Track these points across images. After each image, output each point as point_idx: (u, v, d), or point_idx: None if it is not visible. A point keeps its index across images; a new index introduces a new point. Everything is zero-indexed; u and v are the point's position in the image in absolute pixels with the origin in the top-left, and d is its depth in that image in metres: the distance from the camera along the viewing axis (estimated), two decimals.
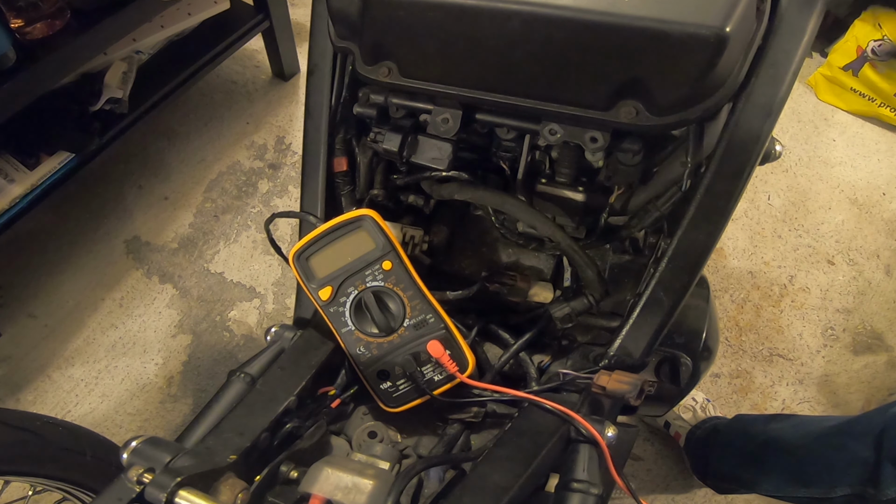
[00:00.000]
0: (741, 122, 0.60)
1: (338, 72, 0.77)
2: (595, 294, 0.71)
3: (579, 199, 0.73)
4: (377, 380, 0.67)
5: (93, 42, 1.26)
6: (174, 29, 1.53)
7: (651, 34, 0.52)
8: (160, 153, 1.74)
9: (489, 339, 0.76)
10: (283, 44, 1.79)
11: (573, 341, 0.76)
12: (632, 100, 0.58)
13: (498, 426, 0.69)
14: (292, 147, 1.80)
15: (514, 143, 0.70)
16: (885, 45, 1.81)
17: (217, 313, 1.51)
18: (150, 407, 1.39)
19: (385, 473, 0.56)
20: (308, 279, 0.68)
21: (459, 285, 0.76)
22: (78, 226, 1.60)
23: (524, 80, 0.60)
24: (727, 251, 1.68)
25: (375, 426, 0.68)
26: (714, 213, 0.62)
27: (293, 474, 0.56)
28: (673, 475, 1.34)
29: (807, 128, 1.97)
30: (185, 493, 0.46)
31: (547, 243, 0.79)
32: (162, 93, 1.51)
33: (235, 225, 1.65)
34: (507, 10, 0.55)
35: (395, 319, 0.66)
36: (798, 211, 1.78)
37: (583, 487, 0.54)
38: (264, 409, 0.59)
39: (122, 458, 0.50)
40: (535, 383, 0.70)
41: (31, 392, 1.38)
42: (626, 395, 0.61)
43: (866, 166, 1.89)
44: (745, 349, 1.54)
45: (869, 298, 1.64)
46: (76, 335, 1.46)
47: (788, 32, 0.59)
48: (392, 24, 0.62)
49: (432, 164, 0.69)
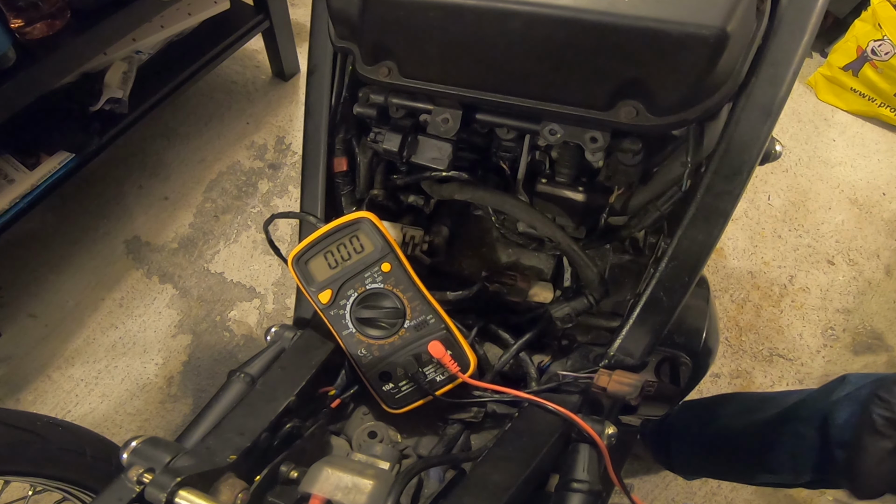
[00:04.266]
0: (741, 122, 0.60)
1: (338, 72, 0.77)
2: (595, 294, 0.71)
3: (579, 199, 0.73)
4: (379, 381, 0.67)
5: (93, 42, 1.26)
6: (174, 29, 1.53)
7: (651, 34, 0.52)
8: (160, 153, 1.74)
9: (489, 339, 0.76)
10: (283, 44, 1.79)
11: (573, 341, 0.76)
12: (632, 100, 0.58)
13: (498, 426, 0.69)
14: (292, 147, 1.80)
15: (514, 143, 0.70)
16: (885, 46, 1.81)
17: (217, 313, 1.51)
18: (150, 407, 1.39)
19: (385, 473, 0.56)
20: (308, 283, 0.68)
21: (459, 285, 0.76)
22: (78, 226, 1.60)
23: (524, 80, 0.60)
24: (727, 251, 1.68)
25: (375, 426, 0.68)
26: (714, 213, 0.62)
27: (293, 474, 0.56)
28: (673, 475, 1.34)
29: (807, 128, 1.97)
30: (185, 493, 0.46)
31: (547, 243, 0.79)
32: (162, 93, 1.51)
33: (235, 225, 1.65)
34: (507, 10, 0.55)
35: (395, 321, 0.66)
36: (798, 211, 1.78)
37: (583, 487, 0.54)
38: (264, 409, 0.59)
39: (122, 458, 0.50)
40: (535, 383, 0.70)
41: (31, 392, 1.38)
42: (626, 396, 0.61)
43: (866, 166, 1.89)
44: (745, 349, 1.54)
45: (869, 298, 1.64)
46: (76, 335, 1.46)
47: (788, 32, 0.59)
48: (392, 24, 0.62)
49: (432, 164, 0.69)
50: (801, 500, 1.37)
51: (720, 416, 1.12)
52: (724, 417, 1.11)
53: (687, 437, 1.18)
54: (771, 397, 1.07)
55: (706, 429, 1.13)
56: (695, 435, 1.16)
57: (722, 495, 1.36)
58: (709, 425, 1.13)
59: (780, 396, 1.05)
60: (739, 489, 1.36)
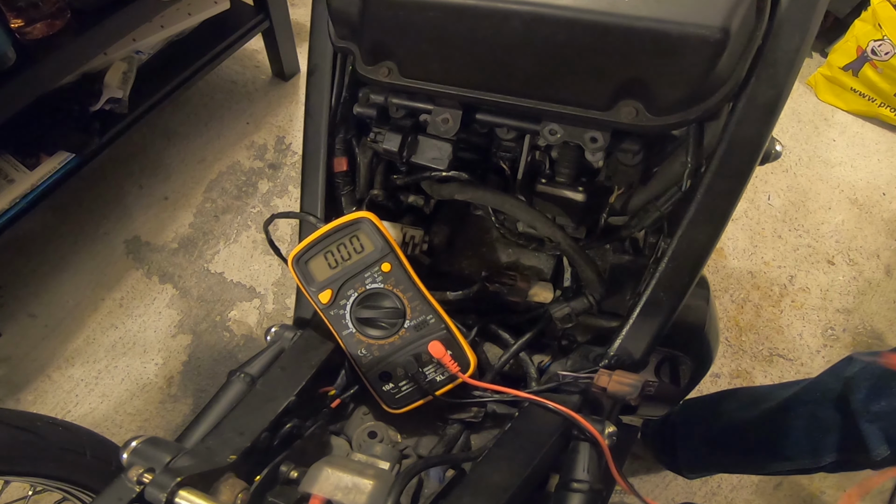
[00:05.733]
0: (741, 122, 0.60)
1: (338, 72, 0.77)
2: (595, 294, 0.71)
3: (579, 199, 0.73)
4: (379, 382, 0.67)
5: (93, 42, 1.26)
6: (174, 29, 1.53)
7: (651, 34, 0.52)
8: (160, 153, 1.74)
9: (489, 339, 0.76)
10: (283, 44, 1.79)
11: (573, 341, 0.76)
12: (632, 100, 0.58)
13: (498, 426, 0.69)
14: (292, 147, 1.80)
15: (514, 143, 0.70)
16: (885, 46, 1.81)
17: (217, 313, 1.51)
18: (150, 407, 1.39)
19: (385, 473, 0.56)
20: (308, 283, 0.68)
21: (459, 285, 0.76)
22: (78, 226, 1.60)
23: (524, 80, 0.60)
24: (727, 251, 1.68)
25: (375, 426, 0.68)
26: (714, 213, 0.62)
27: (293, 474, 0.56)
28: (673, 475, 1.34)
29: (807, 128, 1.97)
30: (185, 493, 0.46)
31: (547, 243, 0.79)
32: (162, 93, 1.51)
33: (235, 225, 1.65)
34: (507, 10, 0.55)
35: (395, 321, 0.66)
36: (798, 211, 1.78)
37: (583, 487, 0.54)
38: (264, 409, 0.59)
39: (122, 458, 0.50)
40: (535, 383, 0.70)
41: (31, 392, 1.38)
42: (626, 396, 0.61)
43: (866, 166, 1.89)
44: (745, 349, 1.54)
45: (869, 298, 1.64)
46: (76, 335, 1.46)
47: (788, 32, 0.59)
48: (392, 24, 0.62)
49: (432, 164, 0.69)
50: (802, 499, 1.37)
51: (726, 410, 1.12)
52: (730, 411, 1.11)
53: (693, 435, 1.18)
54: (777, 387, 1.07)
55: (713, 424, 1.13)
56: (701, 432, 1.16)
57: (722, 495, 1.36)
58: (715, 420, 1.13)
59: (786, 385, 1.05)
60: (739, 489, 1.36)
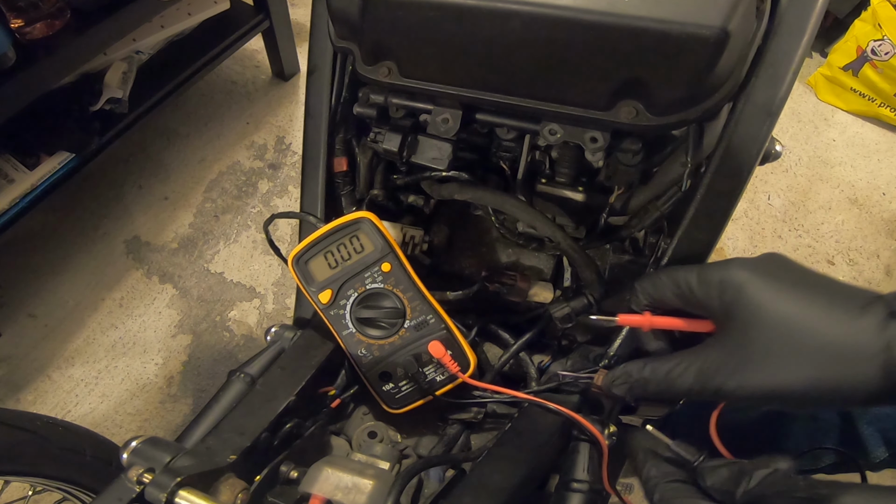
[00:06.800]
0: (741, 122, 0.60)
1: (338, 72, 0.77)
2: (595, 294, 0.71)
3: (579, 199, 0.73)
4: (379, 382, 0.67)
5: (93, 42, 1.26)
6: (174, 29, 1.53)
7: (651, 34, 0.52)
8: (160, 153, 1.74)
9: (489, 339, 0.76)
10: (283, 44, 1.79)
11: (573, 341, 0.76)
12: (632, 100, 0.58)
13: (498, 426, 0.69)
14: (292, 147, 1.80)
15: (514, 143, 0.70)
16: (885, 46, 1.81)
17: (217, 313, 1.51)
18: (150, 407, 1.39)
19: (385, 473, 0.56)
20: (308, 283, 0.68)
21: (459, 285, 0.76)
22: (78, 226, 1.60)
23: (524, 80, 0.60)
24: (727, 251, 1.68)
25: (375, 426, 0.68)
26: (714, 213, 0.62)
27: (293, 474, 0.56)
28: None
29: (807, 128, 1.97)
30: (185, 493, 0.46)
31: (547, 243, 0.79)
32: (162, 93, 1.51)
33: (235, 225, 1.65)
34: (507, 10, 0.55)
35: (395, 321, 0.66)
36: (798, 211, 1.78)
37: (583, 487, 0.54)
38: (264, 409, 0.59)
39: (122, 458, 0.50)
40: (535, 383, 0.70)
41: (31, 392, 1.38)
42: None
43: (866, 166, 1.89)
44: None
45: None
46: (76, 335, 1.46)
47: (788, 32, 0.59)
48: (392, 24, 0.62)
49: (432, 164, 0.69)
50: None
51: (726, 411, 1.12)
52: (732, 412, 1.11)
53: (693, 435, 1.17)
54: None
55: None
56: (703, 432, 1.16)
57: None
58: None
59: None
60: None
